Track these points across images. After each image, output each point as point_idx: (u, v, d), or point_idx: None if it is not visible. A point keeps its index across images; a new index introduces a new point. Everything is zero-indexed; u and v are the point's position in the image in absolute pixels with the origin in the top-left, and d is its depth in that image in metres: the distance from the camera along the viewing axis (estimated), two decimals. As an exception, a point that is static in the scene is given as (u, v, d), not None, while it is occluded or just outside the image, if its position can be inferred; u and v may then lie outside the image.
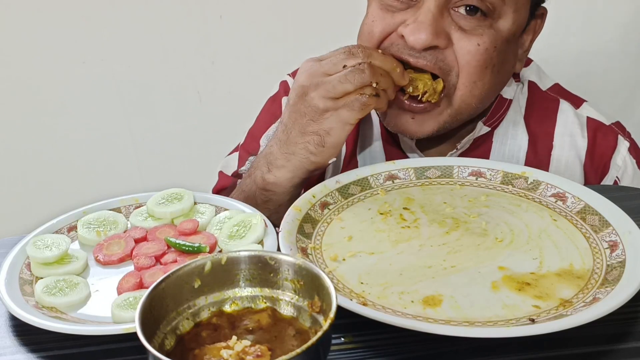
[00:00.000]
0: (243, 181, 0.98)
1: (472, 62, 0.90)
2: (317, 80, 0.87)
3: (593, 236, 0.77)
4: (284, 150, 0.90)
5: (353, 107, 0.86)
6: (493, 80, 0.93)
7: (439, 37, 0.89)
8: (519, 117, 1.05)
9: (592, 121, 1.05)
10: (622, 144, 1.03)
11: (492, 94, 0.97)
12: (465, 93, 0.92)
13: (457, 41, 0.90)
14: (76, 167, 1.86)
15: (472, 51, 0.90)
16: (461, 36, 0.90)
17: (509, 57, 0.95)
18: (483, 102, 0.96)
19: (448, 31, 0.90)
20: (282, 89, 1.14)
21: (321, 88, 0.86)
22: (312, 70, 0.88)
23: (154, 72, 1.76)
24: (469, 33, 0.90)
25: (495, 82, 0.95)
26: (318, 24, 1.68)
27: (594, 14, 1.62)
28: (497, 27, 0.91)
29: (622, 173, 1.02)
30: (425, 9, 0.89)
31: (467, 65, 0.90)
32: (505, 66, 0.95)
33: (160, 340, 0.55)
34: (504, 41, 0.92)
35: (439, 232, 0.80)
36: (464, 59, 0.90)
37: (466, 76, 0.91)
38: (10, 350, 0.66)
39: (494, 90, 0.97)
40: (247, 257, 0.60)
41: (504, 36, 0.92)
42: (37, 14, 1.70)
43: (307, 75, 0.88)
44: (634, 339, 0.65)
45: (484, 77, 0.92)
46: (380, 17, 0.94)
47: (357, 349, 0.65)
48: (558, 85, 1.09)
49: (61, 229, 0.80)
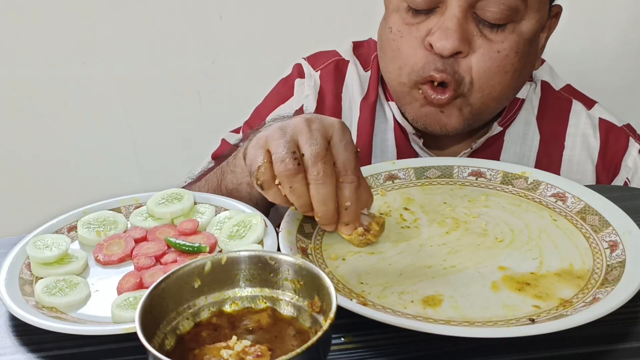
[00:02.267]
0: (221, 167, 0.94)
1: (492, 67, 0.90)
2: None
3: (593, 236, 0.77)
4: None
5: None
6: (514, 82, 0.94)
7: (464, 43, 0.89)
8: (532, 117, 1.05)
9: (604, 122, 1.06)
10: (633, 146, 1.04)
11: (512, 95, 0.98)
12: (484, 95, 0.93)
13: (478, 48, 0.90)
14: (76, 167, 1.86)
15: (493, 57, 0.90)
16: (482, 43, 0.90)
17: (530, 58, 0.96)
18: (503, 102, 0.97)
19: (472, 38, 0.90)
20: (295, 71, 1.14)
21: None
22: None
23: (154, 72, 1.76)
24: (490, 39, 0.90)
25: (517, 83, 0.96)
26: (318, 24, 1.68)
27: (595, 14, 1.62)
28: (520, 30, 0.91)
29: (633, 175, 1.03)
30: (450, 15, 0.88)
31: (487, 71, 0.91)
32: (526, 67, 0.96)
33: (160, 340, 0.55)
34: (527, 43, 0.92)
35: (439, 232, 0.80)
36: (484, 65, 0.90)
37: (485, 81, 0.91)
38: (10, 350, 0.66)
39: (514, 91, 0.97)
40: (247, 257, 0.60)
41: (526, 38, 0.92)
42: (37, 14, 1.70)
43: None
44: (634, 339, 0.65)
45: (503, 81, 0.92)
46: (405, 31, 0.93)
47: (357, 349, 0.65)
48: (570, 85, 1.10)
49: (61, 229, 0.80)
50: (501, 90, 0.93)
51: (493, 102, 0.94)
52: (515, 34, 0.91)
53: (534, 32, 0.92)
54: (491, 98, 0.93)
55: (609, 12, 1.62)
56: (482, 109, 0.94)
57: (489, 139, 1.03)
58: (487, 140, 1.03)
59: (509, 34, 0.90)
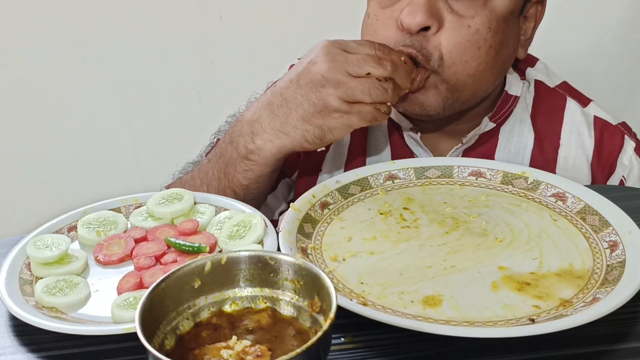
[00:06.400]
0: (222, 144, 0.97)
1: (462, 42, 0.91)
2: (339, 78, 0.85)
3: (593, 236, 0.77)
4: (275, 126, 0.89)
5: (364, 117, 0.86)
6: (490, 60, 0.94)
7: (432, 18, 0.90)
8: (526, 115, 1.05)
9: (599, 120, 1.05)
10: (628, 144, 1.04)
11: (492, 76, 0.97)
12: (458, 71, 0.92)
13: (449, 24, 0.91)
14: (76, 168, 1.86)
15: (463, 32, 0.91)
16: (453, 19, 0.91)
17: (508, 38, 0.96)
18: (481, 82, 0.96)
19: (441, 14, 0.91)
20: None
21: (340, 89, 0.85)
22: (336, 64, 0.85)
23: (154, 72, 1.76)
24: (461, 15, 0.91)
25: (494, 63, 0.95)
26: (318, 24, 1.67)
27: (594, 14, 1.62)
28: (492, 6, 0.92)
29: (629, 172, 1.03)
30: None
31: (458, 46, 0.91)
32: (505, 47, 0.95)
33: (160, 340, 0.55)
34: (501, 20, 0.93)
35: (439, 232, 0.80)
36: (454, 40, 0.91)
37: (457, 56, 0.91)
38: (10, 350, 0.66)
39: (493, 71, 0.96)
40: (247, 257, 0.60)
41: (499, 15, 0.92)
42: (37, 14, 1.70)
43: (330, 67, 0.85)
44: (634, 339, 0.65)
45: (477, 57, 0.92)
46: (381, 14, 0.95)
47: (357, 349, 0.65)
48: (566, 83, 1.10)
49: (61, 229, 0.80)
50: (476, 67, 0.93)
51: (470, 80, 0.94)
52: (487, 10, 0.91)
53: (508, 10, 0.93)
54: (466, 75, 0.93)
55: (609, 12, 1.62)
56: (459, 85, 0.94)
57: (483, 135, 1.03)
58: (480, 137, 1.03)
59: (480, 9, 0.91)
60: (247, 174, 0.92)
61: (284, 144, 0.89)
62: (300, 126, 0.87)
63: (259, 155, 0.91)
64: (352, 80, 0.85)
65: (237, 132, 0.93)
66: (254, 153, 0.91)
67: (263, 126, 0.90)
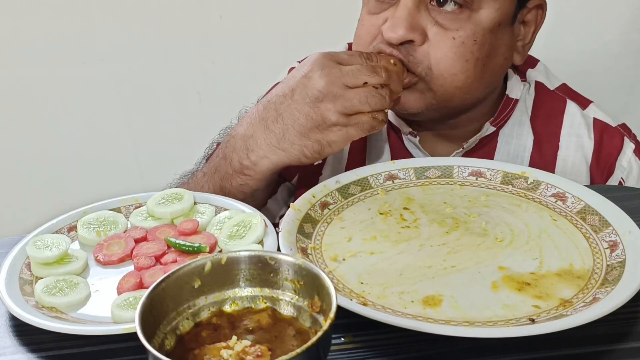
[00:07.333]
0: (215, 158, 0.96)
1: (449, 54, 0.91)
2: (336, 91, 0.84)
3: (593, 236, 0.77)
4: (272, 142, 0.88)
5: (362, 128, 0.86)
6: (479, 72, 0.94)
7: (414, 32, 0.90)
8: (525, 117, 1.05)
9: (598, 122, 1.05)
10: (627, 146, 1.04)
11: (480, 86, 0.97)
12: (446, 83, 0.93)
13: (433, 36, 0.91)
14: (76, 167, 1.86)
15: (449, 44, 0.91)
16: (437, 31, 0.91)
17: (497, 48, 0.95)
18: (470, 93, 0.96)
19: (424, 27, 0.91)
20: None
21: (338, 102, 0.84)
22: (332, 77, 0.85)
23: (154, 72, 1.76)
24: (445, 28, 0.91)
25: (482, 74, 0.95)
26: (318, 24, 1.68)
27: (594, 14, 1.62)
28: (477, 19, 0.91)
29: (627, 174, 1.03)
30: (402, 5, 0.91)
31: (445, 58, 0.91)
32: (493, 58, 0.95)
33: (160, 340, 0.55)
34: (487, 32, 0.92)
35: (439, 232, 0.80)
36: (440, 52, 0.91)
37: (445, 68, 0.92)
38: (10, 350, 0.66)
39: (482, 82, 0.96)
40: (247, 257, 0.60)
41: (485, 27, 0.92)
42: (37, 14, 1.70)
43: (326, 81, 0.85)
44: (634, 339, 0.65)
45: (465, 70, 0.92)
46: (367, 20, 0.96)
47: (357, 349, 0.65)
48: (565, 85, 1.09)
49: (61, 229, 0.80)
50: (465, 79, 0.93)
51: (458, 91, 0.94)
52: (472, 23, 0.91)
53: (494, 22, 0.92)
54: (454, 87, 0.93)
55: (609, 12, 1.62)
56: (447, 96, 0.94)
57: (482, 139, 1.03)
58: (480, 141, 1.03)
59: (465, 22, 0.91)
60: (242, 188, 0.91)
61: (281, 160, 0.88)
62: (298, 142, 0.87)
63: (255, 171, 0.90)
64: (349, 91, 0.85)
65: (230, 148, 0.92)
66: (249, 169, 0.90)
67: (258, 142, 0.89)
